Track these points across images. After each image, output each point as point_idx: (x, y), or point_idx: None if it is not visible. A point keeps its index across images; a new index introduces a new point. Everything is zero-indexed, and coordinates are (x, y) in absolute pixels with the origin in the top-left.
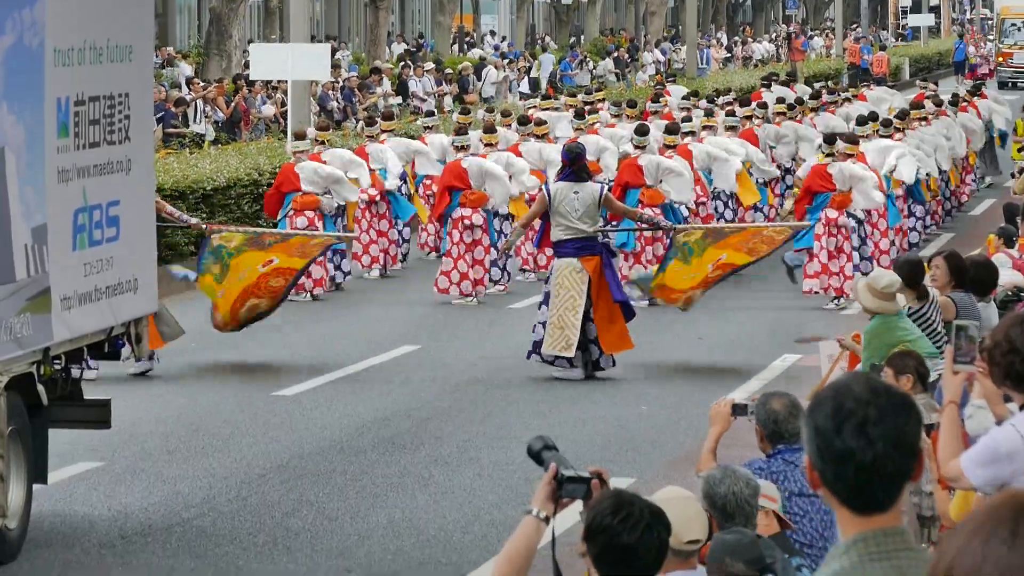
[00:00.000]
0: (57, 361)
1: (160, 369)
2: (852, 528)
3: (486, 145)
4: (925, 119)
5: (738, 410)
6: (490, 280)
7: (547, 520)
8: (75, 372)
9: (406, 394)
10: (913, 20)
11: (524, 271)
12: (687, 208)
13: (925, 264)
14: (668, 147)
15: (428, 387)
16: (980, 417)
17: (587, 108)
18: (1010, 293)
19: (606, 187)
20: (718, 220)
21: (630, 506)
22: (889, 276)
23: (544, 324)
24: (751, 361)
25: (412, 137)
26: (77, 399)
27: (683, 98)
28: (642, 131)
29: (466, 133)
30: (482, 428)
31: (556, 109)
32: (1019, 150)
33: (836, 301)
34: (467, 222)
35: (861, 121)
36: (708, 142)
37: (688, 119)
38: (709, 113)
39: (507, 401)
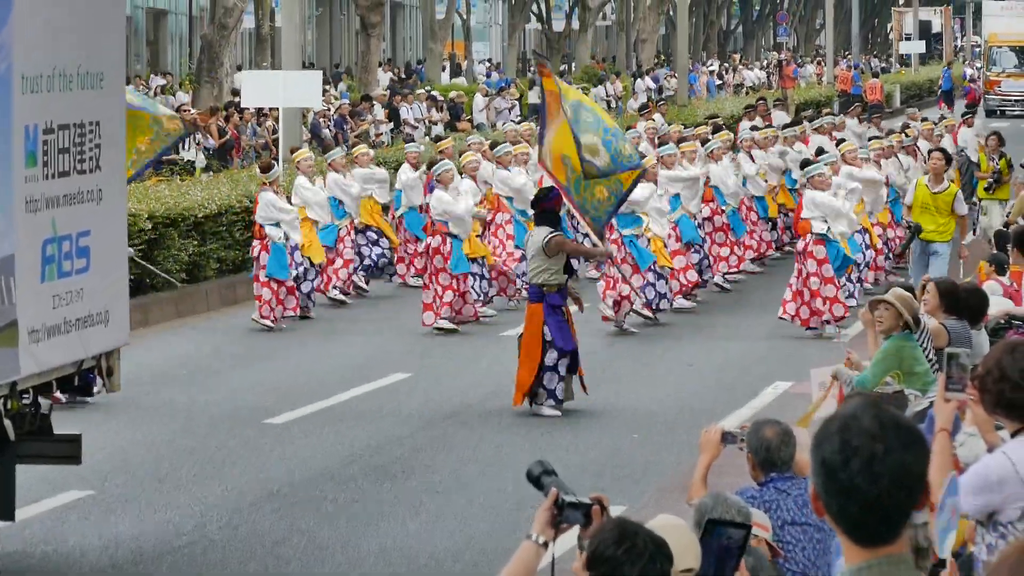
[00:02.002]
0: (25, 395)
1: (150, 397)
2: (856, 556)
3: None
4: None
5: (728, 438)
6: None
7: (546, 545)
8: (44, 407)
9: (397, 422)
10: (905, 47)
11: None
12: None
13: (916, 291)
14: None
15: (419, 415)
16: (971, 444)
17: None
18: (1002, 321)
19: (552, 233)
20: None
21: (634, 536)
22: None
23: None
24: (742, 388)
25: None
26: (46, 434)
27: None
28: None
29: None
30: (474, 456)
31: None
32: (985, 188)
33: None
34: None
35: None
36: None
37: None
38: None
39: (499, 429)
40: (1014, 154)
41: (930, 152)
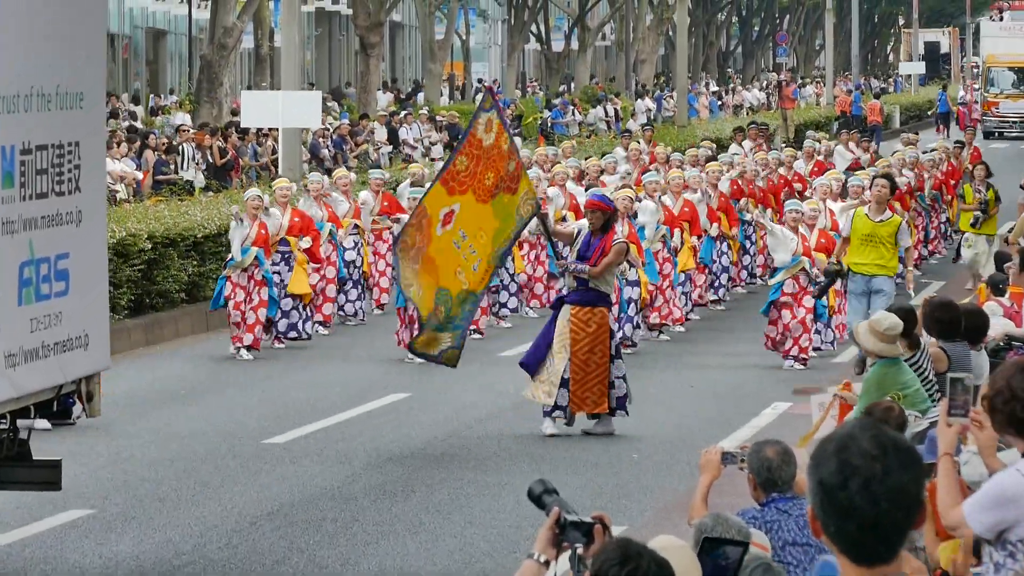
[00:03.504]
0: (2, 421)
1: (150, 417)
2: (852, 575)
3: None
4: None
5: (728, 458)
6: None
7: (547, 564)
8: (23, 432)
9: (397, 441)
10: (905, 68)
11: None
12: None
13: (917, 313)
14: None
15: (419, 434)
16: (976, 463)
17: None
18: (1001, 343)
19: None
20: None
21: (637, 558)
22: (891, 319)
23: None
24: (741, 409)
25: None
26: (25, 459)
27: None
28: None
29: (422, 185)
30: (473, 475)
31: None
32: (972, 223)
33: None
34: None
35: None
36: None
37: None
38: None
39: (499, 448)
40: (1014, 175)
41: (874, 179)
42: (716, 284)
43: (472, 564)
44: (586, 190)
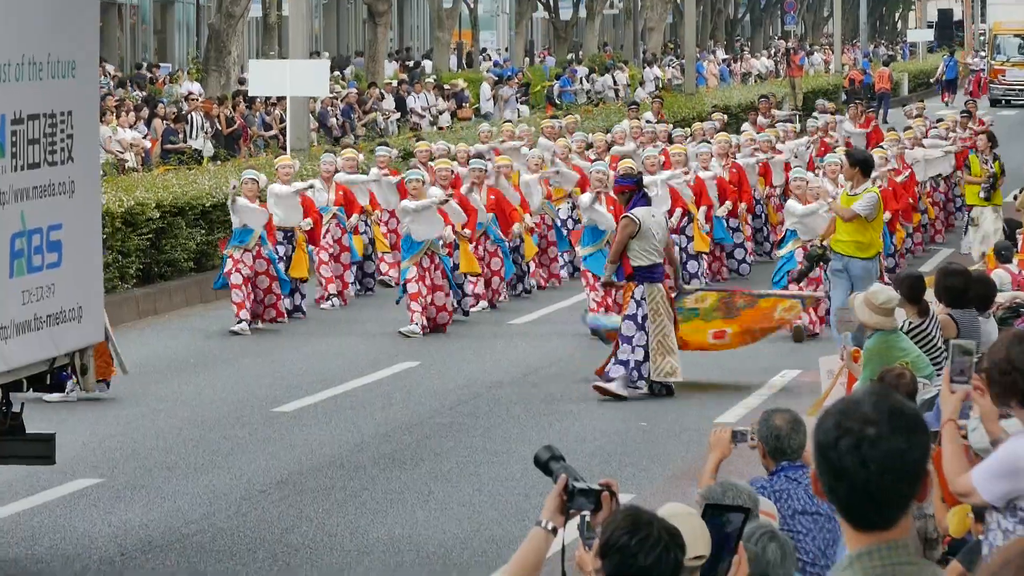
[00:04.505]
0: None
1: (159, 386)
2: (855, 542)
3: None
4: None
5: (738, 436)
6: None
7: (555, 531)
8: (15, 405)
9: (406, 410)
10: (912, 36)
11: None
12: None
13: (925, 280)
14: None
15: (428, 403)
16: (983, 431)
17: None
18: (1010, 308)
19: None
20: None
21: (648, 526)
22: (887, 291)
23: (643, 348)
24: (750, 377)
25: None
26: (18, 434)
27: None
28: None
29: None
30: (482, 444)
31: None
32: (982, 195)
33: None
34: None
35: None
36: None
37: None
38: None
39: (507, 417)
40: (1021, 142)
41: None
42: (739, 259)
43: (481, 532)
44: (593, 163)
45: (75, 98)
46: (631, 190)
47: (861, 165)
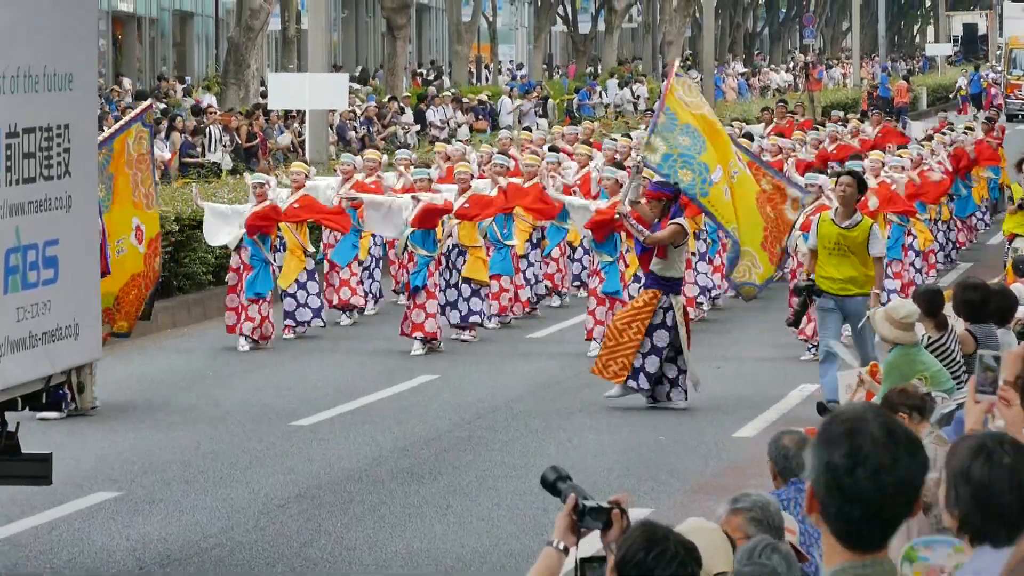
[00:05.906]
0: None
1: (177, 399)
2: (838, 558)
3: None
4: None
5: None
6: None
7: (567, 551)
8: (11, 425)
9: (424, 424)
10: (931, 50)
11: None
12: None
13: (944, 294)
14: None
15: (446, 417)
16: None
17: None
18: None
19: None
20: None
21: (664, 541)
22: (908, 306)
23: (677, 348)
24: (769, 391)
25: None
26: (14, 453)
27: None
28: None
29: (428, 167)
30: (500, 458)
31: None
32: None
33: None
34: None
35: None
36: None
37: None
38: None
39: (526, 431)
40: None
41: (838, 176)
42: None
43: (499, 546)
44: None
45: (72, 111)
46: (667, 198)
47: (861, 189)
